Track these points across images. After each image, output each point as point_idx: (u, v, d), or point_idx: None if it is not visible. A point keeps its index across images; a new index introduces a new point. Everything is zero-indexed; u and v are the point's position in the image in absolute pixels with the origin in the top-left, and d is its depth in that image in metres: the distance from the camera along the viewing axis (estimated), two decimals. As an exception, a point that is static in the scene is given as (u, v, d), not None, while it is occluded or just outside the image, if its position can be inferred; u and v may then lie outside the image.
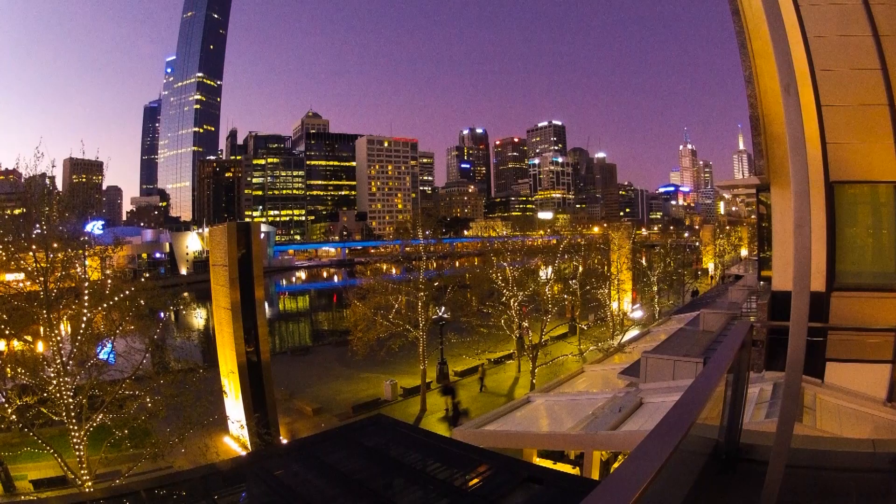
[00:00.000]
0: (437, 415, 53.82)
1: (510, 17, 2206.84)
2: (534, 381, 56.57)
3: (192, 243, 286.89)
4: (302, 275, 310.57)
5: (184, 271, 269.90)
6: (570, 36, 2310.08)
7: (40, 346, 30.68)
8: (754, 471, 7.03)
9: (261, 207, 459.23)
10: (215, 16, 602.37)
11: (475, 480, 13.98)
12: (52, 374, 28.15)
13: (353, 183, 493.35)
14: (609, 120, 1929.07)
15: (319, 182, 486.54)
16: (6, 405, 28.31)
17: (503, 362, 69.46)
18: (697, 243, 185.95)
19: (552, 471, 16.87)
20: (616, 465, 24.56)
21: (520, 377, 63.74)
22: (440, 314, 63.89)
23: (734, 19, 23.05)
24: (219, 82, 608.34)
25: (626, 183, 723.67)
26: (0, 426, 30.50)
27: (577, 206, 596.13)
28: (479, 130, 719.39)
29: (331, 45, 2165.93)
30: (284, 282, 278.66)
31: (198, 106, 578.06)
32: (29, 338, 30.40)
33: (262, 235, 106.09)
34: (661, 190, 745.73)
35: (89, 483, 28.00)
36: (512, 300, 62.45)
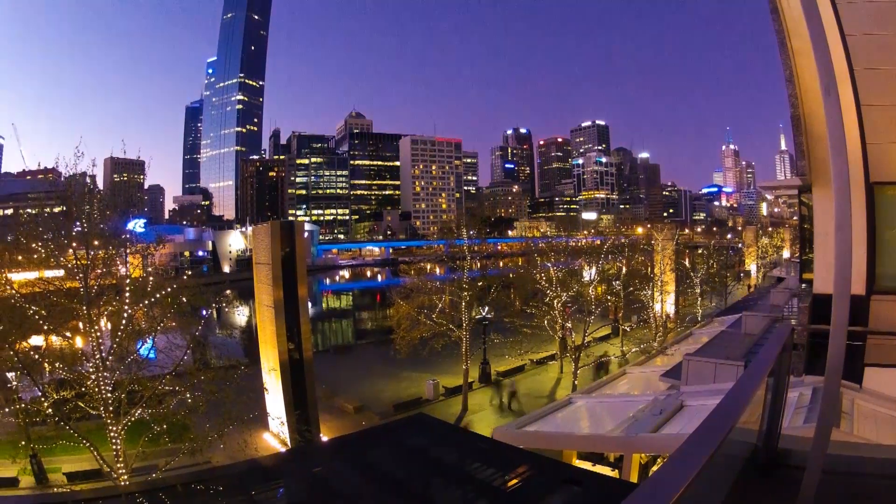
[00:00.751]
0: (478, 414, 53.58)
1: (553, 16, 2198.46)
2: (576, 382, 56.21)
3: (235, 242, 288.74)
4: (346, 274, 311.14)
5: (227, 269, 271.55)
6: (612, 35, 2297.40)
7: (79, 342, 30.91)
8: (791, 476, 6.86)
9: (304, 206, 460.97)
10: (255, 17, 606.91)
11: (514, 481, 13.89)
12: (91, 369, 28.32)
13: (397, 182, 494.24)
14: (652, 119, 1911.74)
15: (363, 182, 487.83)
16: (42, 399, 28.60)
17: (545, 363, 69.09)
18: (740, 245, 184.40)
19: (591, 473, 16.71)
20: (655, 468, 24.39)
21: (562, 378, 63.35)
22: (483, 314, 63.82)
23: (773, 17, 22.65)
24: (261, 83, 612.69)
25: (669, 184, 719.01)
26: (35, 419, 30.96)
27: (621, 206, 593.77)
28: (523, 130, 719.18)
29: (373, 46, 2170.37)
30: (328, 280, 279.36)
31: (240, 106, 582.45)
32: (68, 333, 30.66)
33: (306, 234, 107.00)
34: (705, 191, 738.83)
35: (125, 476, 28.15)
36: (555, 301, 62.11)
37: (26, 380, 29.35)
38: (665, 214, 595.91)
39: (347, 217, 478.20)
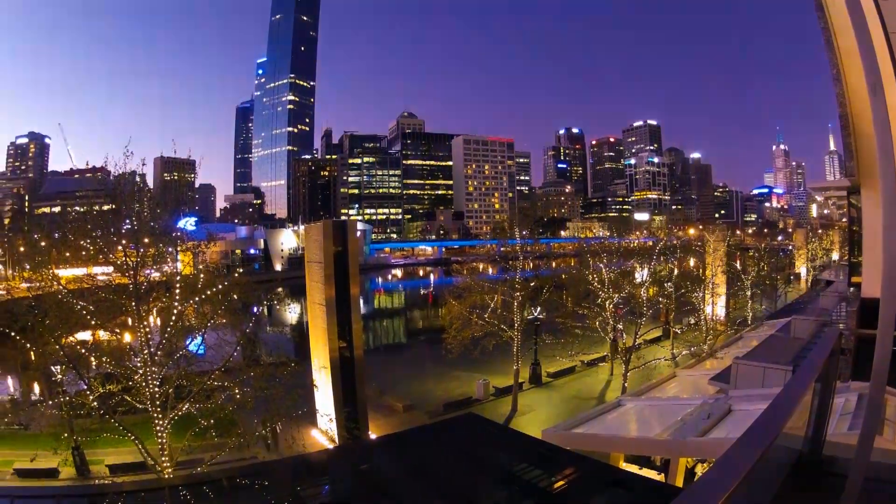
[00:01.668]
0: (527, 416, 53.22)
1: (604, 15, 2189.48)
2: (625, 384, 55.86)
3: (287, 240, 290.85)
4: (398, 272, 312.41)
5: (278, 267, 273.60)
6: (663, 34, 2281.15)
7: (127, 337, 31.22)
8: (835, 484, 6.73)
9: (357, 206, 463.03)
10: (304, 18, 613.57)
11: (560, 482, 13.83)
12: (139, 364, 28.58)
13: (450, 182, 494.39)
14: (703, 119, 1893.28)
15: (416, 181, 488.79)
16: (88, 392, 28.94)
17: (596, 365, 68.72)
18: (790, 247, 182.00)
19: (636, 476, 16.61)
20: (700, 473, 24.17)
21: (612, 380, 62.95)
22: (535, 314, 63.56)
23: (818, 15, 22.29)
24: (311, 83, 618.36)
25: (720, 184, 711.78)
26: (80, 412, 31.26)
27: (674, 207, 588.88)
28: (576, 130, 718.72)
29: (424, 46, 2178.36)
30: (380, 279, 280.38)
31: (291, 106, 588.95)
32: (116, 329, 30.98)
33: (359, 233, 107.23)
34: (756, 191, 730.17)
35: (169, 469, 28.36)
36: (607, 302, 61.73)
37: (71, 373, 29.68)
38: (717, 216, 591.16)
39: (400, 216, 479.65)
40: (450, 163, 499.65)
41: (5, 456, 45.14)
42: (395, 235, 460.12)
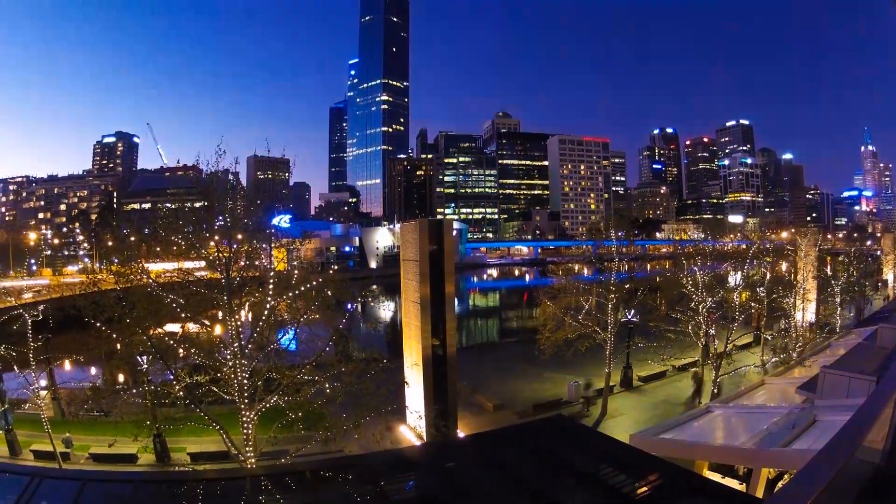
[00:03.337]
0: (616, 419, 52.76)
1: (696, 14, 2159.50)
2: (715, 390, 54.94)
3: (383, 238, 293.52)
4: (493, 272, 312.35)
5: (373, 265, 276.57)
6: (754, 32, 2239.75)
7: (218, 330, 31.63)
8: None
9: (453, 205, 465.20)
10: (394, 19, 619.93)
11: (643, 489, 13.61)
12: (229, 356, 28.95)
13: (546, 182, 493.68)
14: (792, 118, 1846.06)
15: (512, 181, 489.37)
16: (174, 382, 29.50)
17: (686, 369, 67.60)
18: (879, 252, 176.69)
19: (717, 485, 16.21)
20: (781, 484, 23.73)
21: (701, 386, 61.89)
22: (629, 317, 62.86)
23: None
24: (405, 83, 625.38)
25: (812, 187, 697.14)
26: (165, 401, 31.90)
27: (766, 209, 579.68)
28: (670, 130, 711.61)
29: (517, 45, 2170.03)
30: (475, 278, 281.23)
31: (385, 107, 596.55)
32: (206, 322, 31.46)
33: (454, 232, 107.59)
34: (845, 194, 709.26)
35: (252, 460, 28.68)
36: (700, 306, 60.78)
37: (158, 364, 30.26)
38: (808, 219, 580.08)
39: (496, 216, 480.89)
40: (545, 163, 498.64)
41: (83, 441, 46.74)
42: (490, 235, 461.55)
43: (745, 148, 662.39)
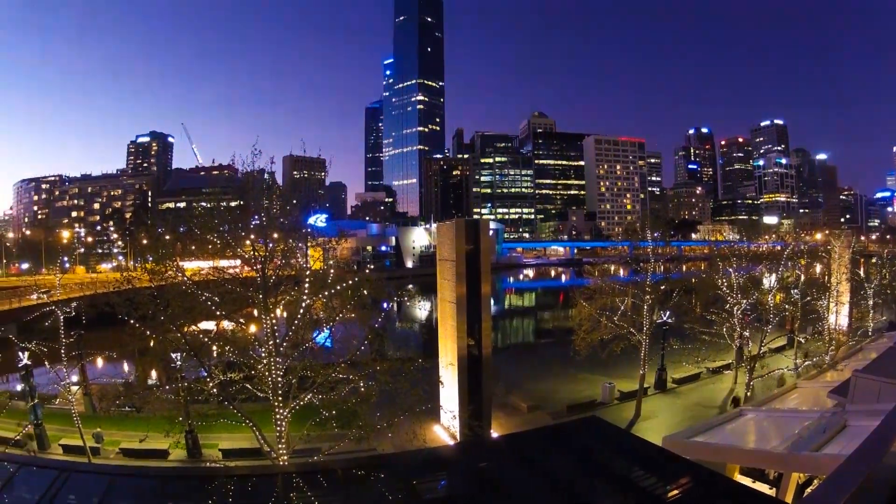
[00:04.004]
0: (650, 421, 52.51)
1: (731, 13, 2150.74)
2: (748, 393, 54.57)
3: (419, 238, 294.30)
4: (529, 272, 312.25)
5: (409, 264, 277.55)
6: (787, 30, 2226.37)
7: (252, 328, 31.82)
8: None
9: (489, 205, 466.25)
10: (428, 19, 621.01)
11: (675, 492, 13.48)
12: (264, 354, 29.11)
13: (582, 182, 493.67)
14: (825, 118, 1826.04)
15: (548, 181, 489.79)
16: (208, 379, 29.68)
17: (721, 372, 67.05)
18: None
19: (747, 489, 16.03)
20: (810, 489, 23.58)
21: (735, 389, 61.41)
22: (664, 318, 62.57)
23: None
24: (440, 83, 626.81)
25: (846, 188, 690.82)
26: (198, 398, 32.06)
27: (801, 210, 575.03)
28: (705, 130, 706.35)
29: (552, 45, 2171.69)
30: (511, 279, 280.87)
31: (420, 106, 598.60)
32: (242, 319, 31.68)
33: (491, 232, 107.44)
34: (878, 195, 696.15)
35: (285, 457, 28.84)
36: (735, 308, 60.31)
37: (192, 361, 30.55)
38: (842, 220, 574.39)
39: (532, 216, 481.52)
40: (581, 163, 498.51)
41: (114, 437, 47.36)
42: (527, 235, 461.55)
43: (779, 148, 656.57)
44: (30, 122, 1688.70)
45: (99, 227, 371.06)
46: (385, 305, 41.47)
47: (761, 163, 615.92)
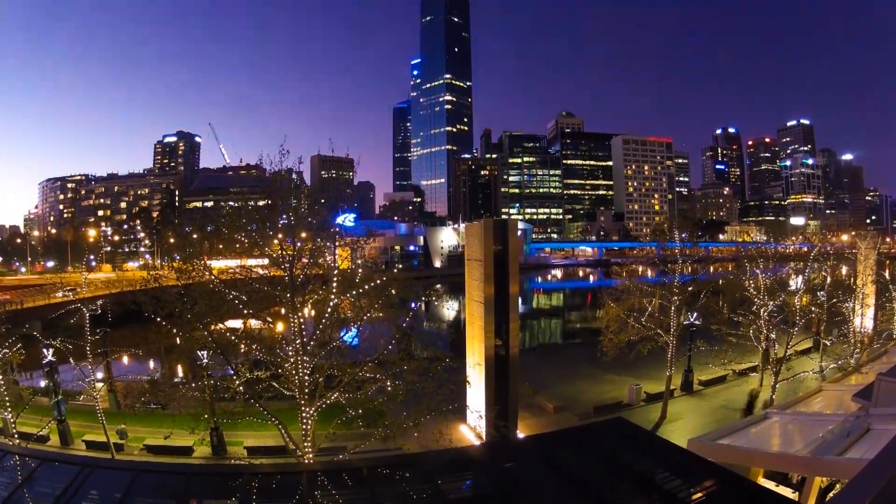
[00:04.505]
0: (676, 423, 52.37)
1: (757, 13, 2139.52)
2: (773, 396, 54.16)
3: (447, 238, 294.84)
4: (557, 273, 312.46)
5: (437, 264, 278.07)
6: (812, 30, 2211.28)
7: (280, 327, 31.93)
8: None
9: (517, 205, 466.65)
10: (455, 19, 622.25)
11: (699, 495, 13.55)
12: (291, 353, 29.20)
13: (610, 182, 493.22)
14: (853, 118, 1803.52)
15: (576, 181, 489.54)
16: (234, 377, 29.89)
17: (746, 374, 66.45)
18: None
19: (770, 493, 16.05)
20: (832, 494, 23.49)
21: (760, 391, 60.97)
22: (691, 320, 62.29)
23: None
24: (468, 83, 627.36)
25: (871, 189, 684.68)
26: (224, 396, 32.29)
27: (827, 211, 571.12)
28: (732, 130, 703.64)
29: (579, 45, 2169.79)
30: (539, 279, 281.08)
31: (448, 107, 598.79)
32: (269, 318, 31.87)
33: (519, 233, 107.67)
34: None
35: (310, 455, 28.93)
36: (762, 310, 59.96)
37: (219, 358, 30.73)
38: (867, 221, 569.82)
39: (560, 216, 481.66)
40: (609, 163, 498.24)
41: (138, 433, 48.00)
42: (555, 235, 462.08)
43: (805, 148, 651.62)
44: (57, 123, 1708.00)
45: (125, 226, 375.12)
46: (413, 305, 41.54)
47: (788, 163, 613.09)
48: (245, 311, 30.60)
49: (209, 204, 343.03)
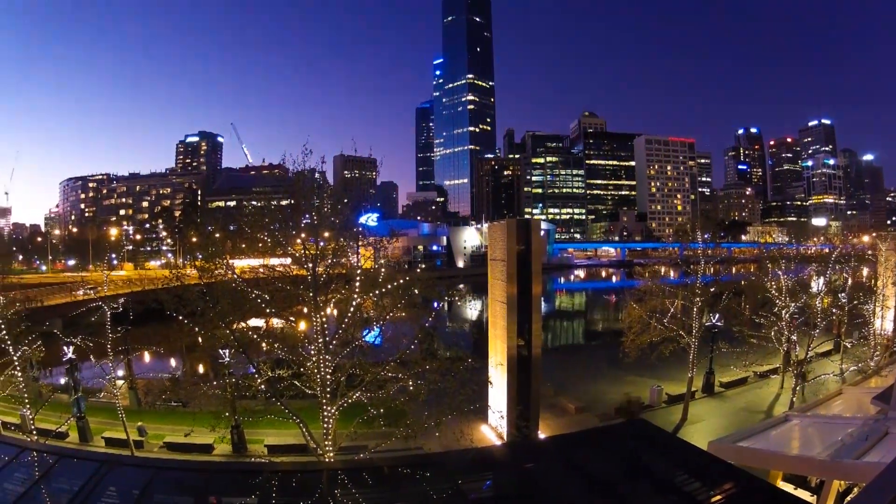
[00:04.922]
0: (696, 425, 52.18)
1: (779, 13, 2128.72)
2: (794, 398, 53.81)
3: (470, 238, 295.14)
4: (580, 273, 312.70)
5: (460, 264, 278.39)
6: (833, 30, 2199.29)
7: (302, 326, 32.02)
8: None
9: (540, 205, 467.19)
10: (477, 19, 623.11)
11: (717, 497, 13.59)
12: (313, 352, 29.28)
13: (633, 183, 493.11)
14: (873, 118, 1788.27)
15: (599, 181, 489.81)
16: (256, 376, 30.12)
17: (767, 376, 66.55)
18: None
19: (788, 495, 16.03)
20: (849, 498, 23.42)
21: (781, 394, 60.79)
22: (714, 321, 62.06)
23: None
24: (490, 83, 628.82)
25: (892, 189, 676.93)
26: (246, 394, 32.44)
27: (849, 212, 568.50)
28: (754, 130, 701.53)
29: (600, 45, 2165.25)
30: (562, 279, 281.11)
31: (471, 107, 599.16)
32: (292, 317, 31.98)
33: (542, 233, 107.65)
34: None
35: (331, 454, 29.02)
36: (784, 311, 59.63)
37: (241, 357, 30.98)
38: (888, 222, 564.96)
39: (583, 216, 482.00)
40: (632, 163, 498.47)
41: (158, 431, 48.20)
42: (578, 235, 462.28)
43: (827, 149, 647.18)
44: (79, 123, 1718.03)
45: (147, 225, 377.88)
46: (436, 305, 41.62)
47: (810, 163, 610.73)
48: (267, 310, 30.73)
49: (232, 204, 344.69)
